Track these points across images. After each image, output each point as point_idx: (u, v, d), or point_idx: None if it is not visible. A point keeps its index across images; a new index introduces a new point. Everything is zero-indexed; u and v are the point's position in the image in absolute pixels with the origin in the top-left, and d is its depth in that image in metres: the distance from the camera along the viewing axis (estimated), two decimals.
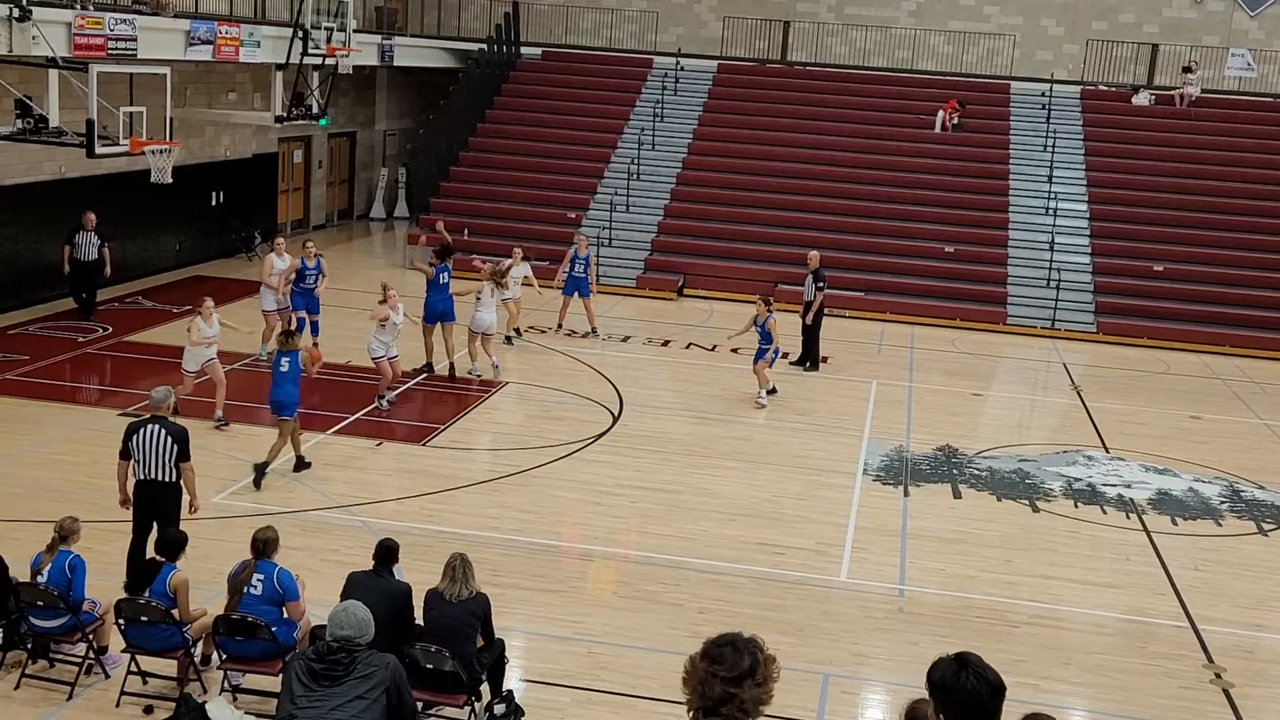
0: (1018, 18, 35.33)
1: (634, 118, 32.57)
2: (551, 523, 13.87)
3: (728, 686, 4.22)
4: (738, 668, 4.24)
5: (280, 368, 14.36)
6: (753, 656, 4.28)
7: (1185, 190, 29.53)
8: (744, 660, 4.26)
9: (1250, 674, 11.36)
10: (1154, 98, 32.43)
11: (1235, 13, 34.40)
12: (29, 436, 15.63)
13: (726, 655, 4.27)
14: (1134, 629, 12.18)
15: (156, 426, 10.93)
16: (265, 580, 9.33)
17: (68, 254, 21.31)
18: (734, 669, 4.24)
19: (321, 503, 13.86)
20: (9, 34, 17.27)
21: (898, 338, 24.96)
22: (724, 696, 4.22)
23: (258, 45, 23.81)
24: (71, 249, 21.30)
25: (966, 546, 13.95)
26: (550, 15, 36.77)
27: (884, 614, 12.11)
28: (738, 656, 4.26)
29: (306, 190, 33.50)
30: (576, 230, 26.39)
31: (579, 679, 10.32)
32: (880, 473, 16.26)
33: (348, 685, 6.40)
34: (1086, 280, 27.37)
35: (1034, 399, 21.82)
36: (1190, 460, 17.71)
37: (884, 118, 32.06)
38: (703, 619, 11.34)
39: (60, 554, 9.71)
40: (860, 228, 28.83)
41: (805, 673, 10.59)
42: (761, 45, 35.85)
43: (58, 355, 19.54)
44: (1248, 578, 13.65)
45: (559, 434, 16.96)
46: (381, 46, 30.27)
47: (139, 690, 9.55)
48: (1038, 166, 30.47)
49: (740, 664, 4.25)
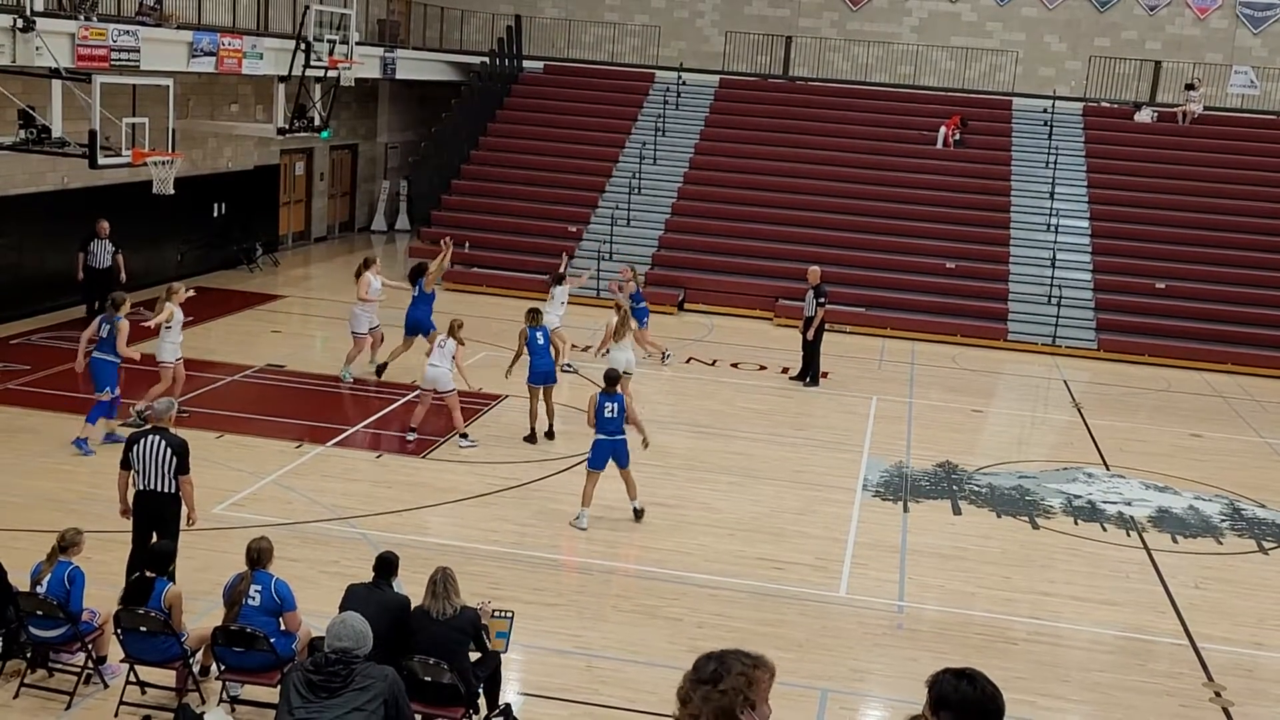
0: (1020, 34, 35.40)
1: (636, 132, 32.62)
2: (550, 536, 13.86)
3: (690, 689, 4.41)
4: (702, 673, 4.41)
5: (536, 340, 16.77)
6: (721, 665, 4.40)
7: (1187, 207, 29.55)
8: (709, 666, 4.41)
9: (1250, 692, 11.33)
10: (1156, 115, 32.47)
11: (1238, 30, 34.46)
12: (30, 446, 15.63)
13: (700, 662, 4.47)
14: (1133, 646, 12.16)
15: (157, 438, 10.93)
16: (263, 591, 9.32)
17: (82, 261, 21.47)
18: (699, 673, 4.41)
19: (321, 514, 13.85)
20: (13, 44, 17.31)
21: (898, 353, 24.96)
22: (684, 697, 4.42)
23: (260, 57, 23.87)
24: (86, 256, 21.55)
25: (966, 563, 13.94)
26: (553, 29, 36.85)
27: (883, 630, 12.09)
28: (707, 663, 4.44)
29: (308, 202, 33.55)
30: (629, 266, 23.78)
31: (578, 693, 10.30)
32: (880, 488, 16.25)
33: (346, 697, 6.40)
34: (1088, 297, 27.38)
35: (1034, 416, 21.81)
36: (1191, 478, 17.70)
37: (886, 133, 32.09)
38: (701, 634, 11.33)
39: (60, 564, 9.71)
40: (861, 243, 28.84)
41: (804, 689, 10.57)
42: (763, 60, 35.92)
43: (60, 365, 19.53)
44: (1248, 596, 13.63)
45: (559, 447, 16.96)
46: (384, 59, 30.33)
47: (137, 700, 9.55)
48: (1039, 183, 30.49)
49: (706, 670, 4.41)
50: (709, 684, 4.35)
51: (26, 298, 21.80)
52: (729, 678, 4.35)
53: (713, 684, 4.35)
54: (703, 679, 4.37)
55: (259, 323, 19.01)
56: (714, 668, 4.39)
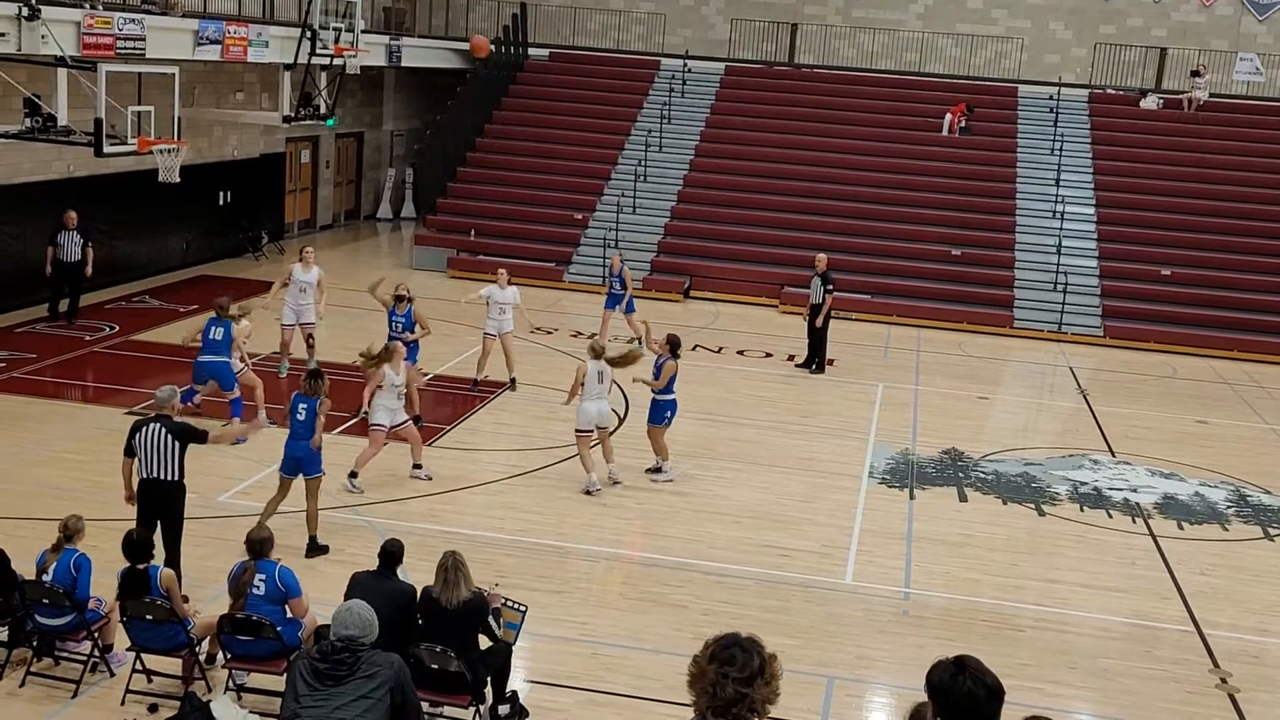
0: (1026, 21, 35.30)
1: (641, 119, 32.56)
2: (556, 524, 13.87)
3: (739, 687, 4.28)
4: (748, 668, 4.30)
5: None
6: (760, 657, 4.34)
7: (1193, 194, 29.49)
8: (754, 661, 4.32)
9: (1256, 679, 11.32)
10: (1162, 102, 32.37)
11: (1244, 17, 34.34)
12: (35, 434, 15.66)
13: (737, 656, 4.33)
14: (1140, 633, 12.15)
15: (159, 425, 10.94)
16: (268, 580, 9.33)
17: (50, 255, 21.06)
18: (745, 669, 4.30)
19: (327, 502, 13.85)
20: (18, 33, 17.29)
21: (904, 340, 24.94)
22: (736, 697, 4.27)
23: (266, 45, 23.83)
24: (54, 249, 21.03)
25: (972, 550, 13.93)
26: (558, 17, 36.78)
27: (889, 617, 12.09)
28: (747, 657, 4.32)
29: (314, 190, 33.56)
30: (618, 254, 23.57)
31: (583, 680, 10.31)
32: (886, 476, 16.25)
33: (352, 685, 6.40)
34: (1093, 284, 27.33)
35: (1040, 403, 21.79)
36: (1197, 465, 17.68)
37: (891, 120, 32.03)
38: (707, 621, 11.33)
39: (66, 552, 9.73)
40: (867, 230, 28.79)
41: (810, 676, 10.58)
42: (769, 48, 35.84)
43: (65, 354, 19.57)
44: (1254, 583, 13.62)
45: (564, 435, 16.95)
46: (389, 47, 30.28)
47: (144, 689, 9.57)
48: (1045, 170, 30.43)
49: (751, 664, 4.31)
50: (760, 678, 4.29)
51: (33, 285, 21.80)
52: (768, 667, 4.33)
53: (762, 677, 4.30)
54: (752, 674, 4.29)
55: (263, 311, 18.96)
56: (759, 661, 4.32)
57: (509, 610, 9.58)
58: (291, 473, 12.52)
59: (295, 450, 12.48)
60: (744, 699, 4.27)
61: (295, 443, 12.50)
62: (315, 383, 12.72)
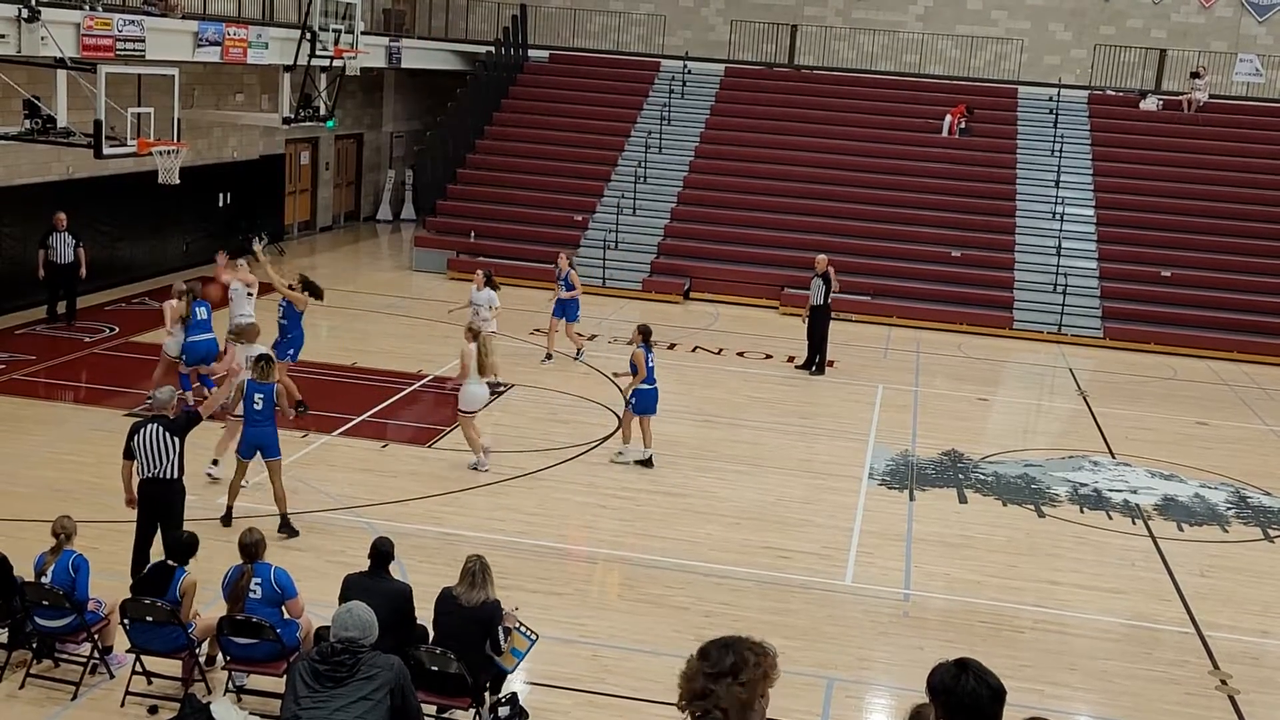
0: (1025, 22, 35.30)
1: (641, 121, 32.56)
2: (557, 526, 13.87)
3: (708, 682, 4.34)
4: (720, 665, 4.35)
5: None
6: (738, 656, 4.37)
7: (1193, 195, 29.49)
8: (727, 659, 4.36)
9: (1256, 680, 11.32)
10: (1162, 103, 32.37)
11: (1243, 18, 34.34)
12: (35, 436, 15.65)
13: (713, 653, 4.40)
14: (1139, 635, 12.15)
15: (158, 426, 10.95)
16: (264, 583, 9.34)
17: (43, 257, 20.98)
18: (716, 666, 4.35)
19: (326, 504, 13.86)
20: (18, 34, 17.28)
21: (904, 342, 24.94)
22: (703, 692, 4.34)
23: (265, 47, 23.83)
24: (46, 252, 20.97)
25: (971, 551, 13.93)
26: (558, 18, 36.79)
27: (889, 618, 12.09)
28: (722, 654, 4.37)
29: (313, 192, 33.56)
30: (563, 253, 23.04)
31: (583, 682, 10.31)
32: (886, 477, 16.24)
33: (352, 686, 6.40)
34: (1093, 285, 27.33)
35: (1040, 404, 21.79)
36: (1196, 466, 17.68)
37: (891, 122, 32.02)
38: (707, 622, 11.33)
39: (64, 554, 9.72)
40: (867, 231, 28.78)
41: (810, 677, 10.58)
42: (769, 49, 35.84)
43: (64, 355, 19.57)
44: (1254, 584, 13.61)
45: (564, 437, 16.96)
46: (389, 48, 30.28)
47: (144, 690, 9.56)
48: (1045, 171, 30.42)
49: (723, 662, 4.35)
50: (729, 676, 4.32)
51: (33, 287, 21.79)
52: (747, 669, 4.34)
53: (733, 676, 4.32)
54: (722, 672, 4.33)
55: (264, 312, 18.93)
56: (732, 660, 4.35)
57: (519, 635, 9.39)
58: (249, 456, 13.03)
59: (253, 436, 12.96)
60: (709, 694, 4.32)
61: (252, 429, 12.94)
62: (267, 368, 13.16)
